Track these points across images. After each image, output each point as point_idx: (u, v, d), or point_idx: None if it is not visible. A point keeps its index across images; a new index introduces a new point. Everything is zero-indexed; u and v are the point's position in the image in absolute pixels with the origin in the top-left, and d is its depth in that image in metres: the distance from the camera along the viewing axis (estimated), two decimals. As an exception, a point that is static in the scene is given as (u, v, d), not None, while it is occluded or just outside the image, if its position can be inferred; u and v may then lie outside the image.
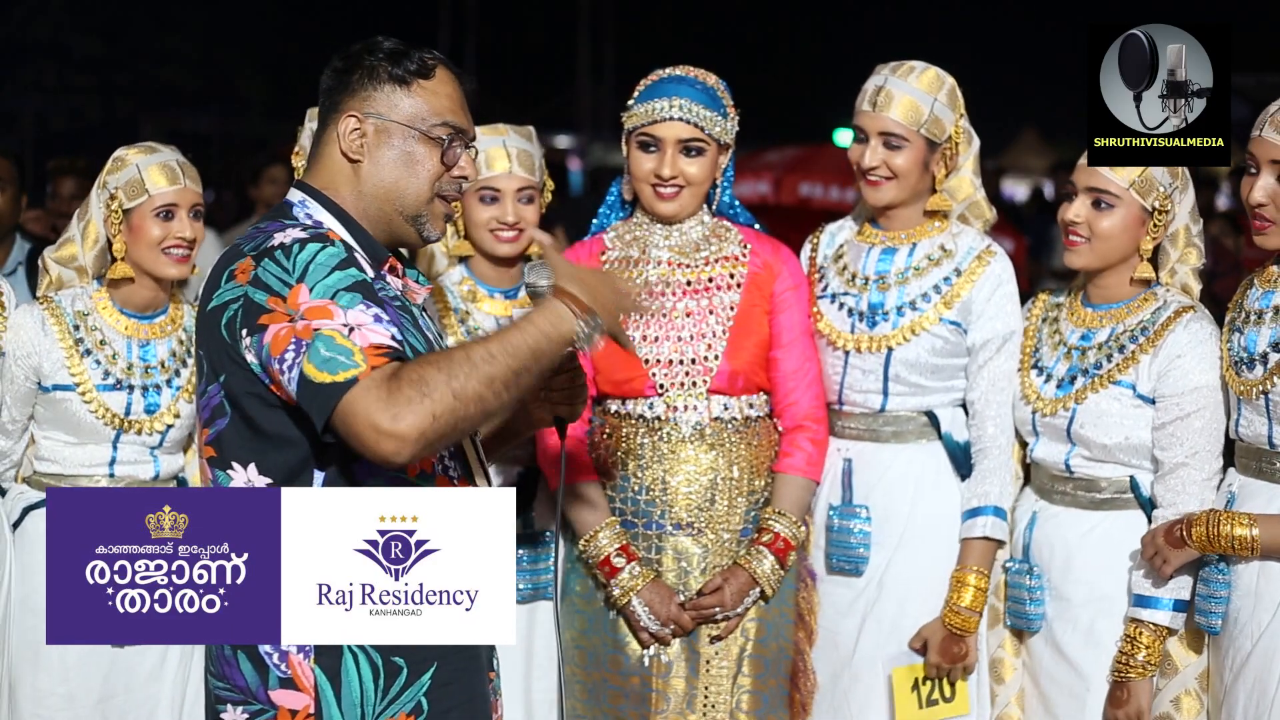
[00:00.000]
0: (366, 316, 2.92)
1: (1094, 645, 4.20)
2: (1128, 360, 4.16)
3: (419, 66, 3.20)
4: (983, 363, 4.35)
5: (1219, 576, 3.99)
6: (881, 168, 4.33)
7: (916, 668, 4.35)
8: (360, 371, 2.84)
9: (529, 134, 4.53)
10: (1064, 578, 4.25)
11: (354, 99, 3.20)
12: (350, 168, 3.21)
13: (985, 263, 4.37)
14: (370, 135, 3.19)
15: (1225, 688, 4.02)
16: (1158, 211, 4.16)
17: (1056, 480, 4.30)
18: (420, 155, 3.20)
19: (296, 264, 2.98)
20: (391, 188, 3.20)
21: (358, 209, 3.22)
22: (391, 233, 3.25)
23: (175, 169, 4.42)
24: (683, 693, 4.24)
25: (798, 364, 4.34)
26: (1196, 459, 4.09)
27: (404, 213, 3.22)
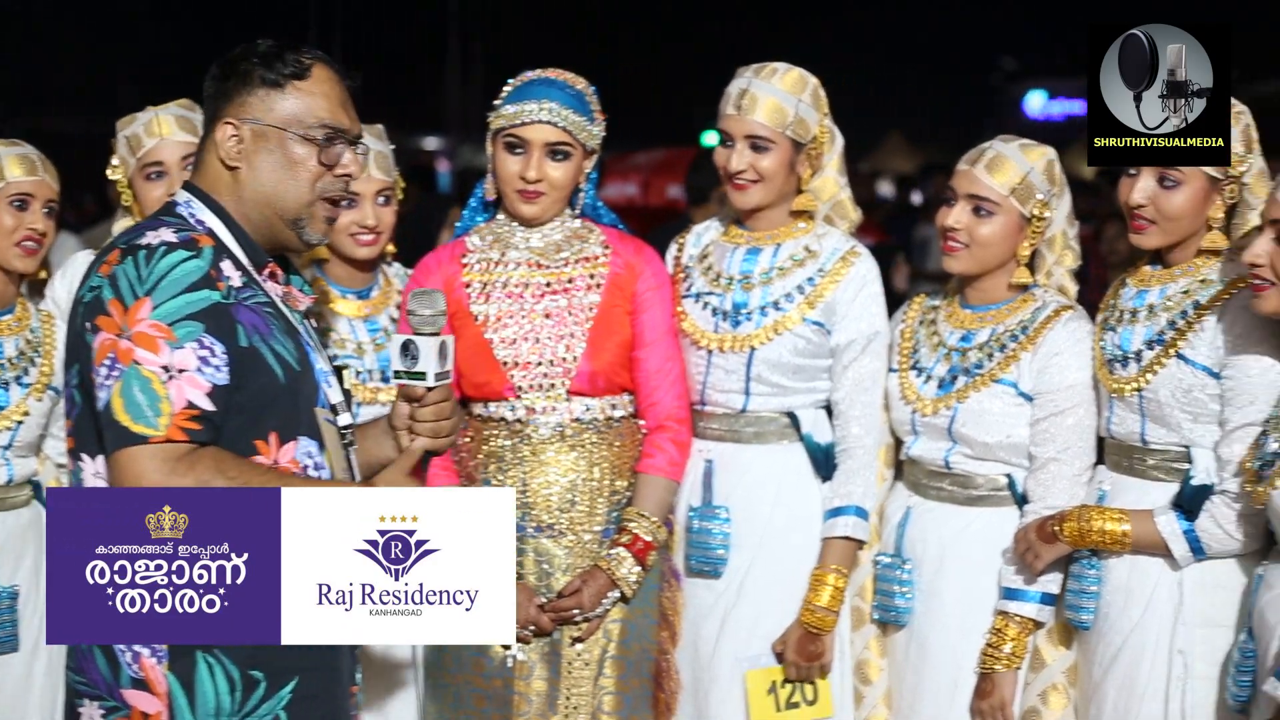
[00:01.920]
0: (194, 360, 2.97)
1: (964, 639, 4.23)
2: (1009, 359, 4.20)
3: (294, 68, 3.20)
4: (847, 363, 4.35)
5: (1090, 572, 4.04)
6: (748, 171, 4.33)
7: (773, 670, 4.34)
8: (156, 435, 2.93)
9: (380, 133, 4.49)
10: (937, 573, 4.27)
11: (230, 105, 3.19)
12: (229, 175, 3.21)
13: (849, 263, 4.38)
14: (247, 141, 3.19)
15: (1094, 683, 4.07)
16: (1036, 218, 4.21)
17: (933, 477, 4.32)
18: (299, 157, 3.20)
19: (152, 273, 3.00)
20: (271, 192, 3.21)
21: (239, 213, 3.22)
22: (273, 237, 3.25)
23: (34, 161, 4.41)
24: (545, 694, 4.22)
25: (660, 364, 4.32)
26: (1068, 454, 4.14)
27: (285, 216, 3.22)
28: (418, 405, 3.36)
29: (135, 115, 4.49)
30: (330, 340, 4.34)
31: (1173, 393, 3.94)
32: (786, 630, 4.32)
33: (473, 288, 4.28)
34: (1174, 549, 3.90)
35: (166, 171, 4.42)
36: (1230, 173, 3.92)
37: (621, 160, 15.85)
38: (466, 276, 4.29)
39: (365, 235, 4.37)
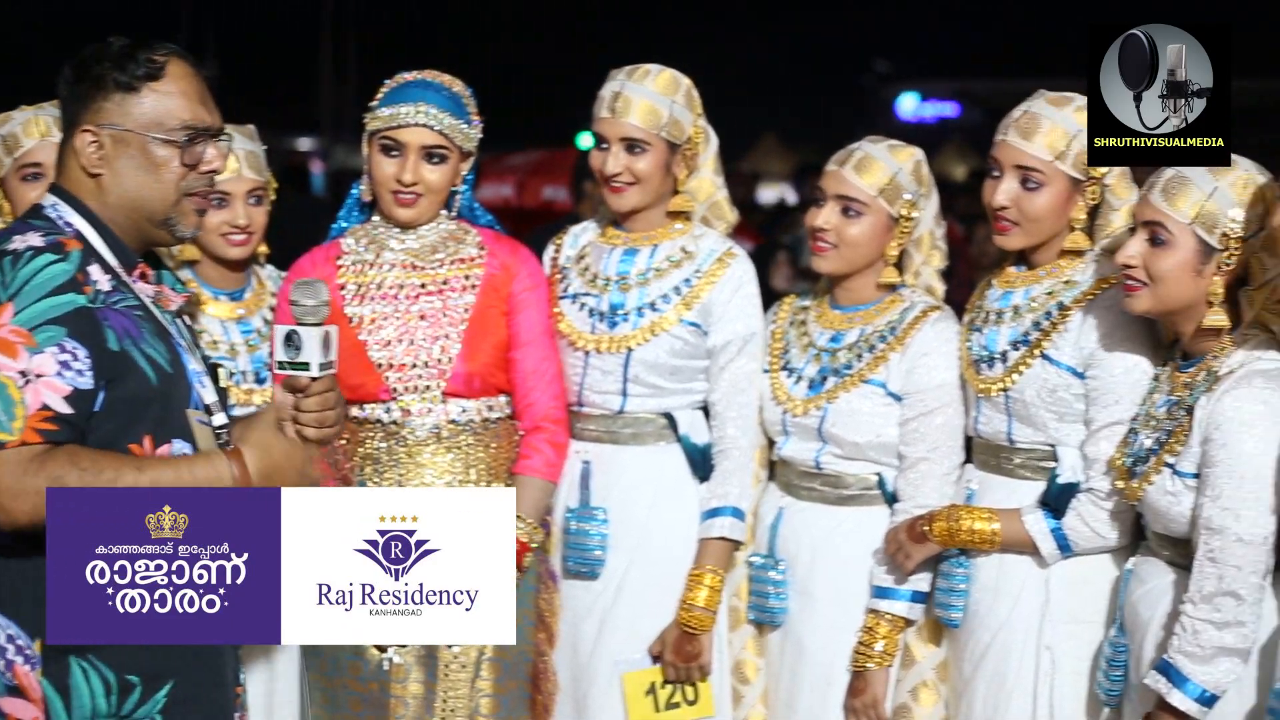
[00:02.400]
0: (54, 364, 2.96)
1: (837, 639, 4.26)
2: (878, 359, 4.23)
3: (148, 69, 3.16)
4: (724, 364, 4.37)
5: (959, 570, 4.08)
6: (624, 173, 4.33)
7: (651, 672, 4.35)
8: (11, 440, 2.94)
9: (251, 133, 4.44)
10: (809, 573, 4.30)
11: (87, 111, 3.16)
12: (92, 181, 3.18)
13: (726, 264, 4.40)
14: (108, 147, 3.16)
15: (964, 680, 4.11)
16: (904, 218, 4.25)
17: (804, 477, 4.35)
18: (161, 160, 3.17)
19: (17, 277, 2.99)
20: (135, 196, 3.18)
21: (106, 217, 3.19)
22: (143, 237, 3.24)
23: None
24: (421, 697, 4.20)
25: (536, 364, 4.31)
26: (937, 454, 4.19)
27: (152, 218, 3.20)
28: (302, 396, 3.33)
29: (10, 115, 4.42)
30: (202, 341, 4.31)
31: (1038, 392, 3.99)
32: (664, 631, 4.34)
33: (347, 290, 4.26)
34: (1042, 547, 3.95)
35: (44, 173, 4.35)
36: (1092, 174, 3.99)
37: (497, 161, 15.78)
38: (341, 278, 4.27)
39: (237, 235, 4.32)
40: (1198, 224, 3.61)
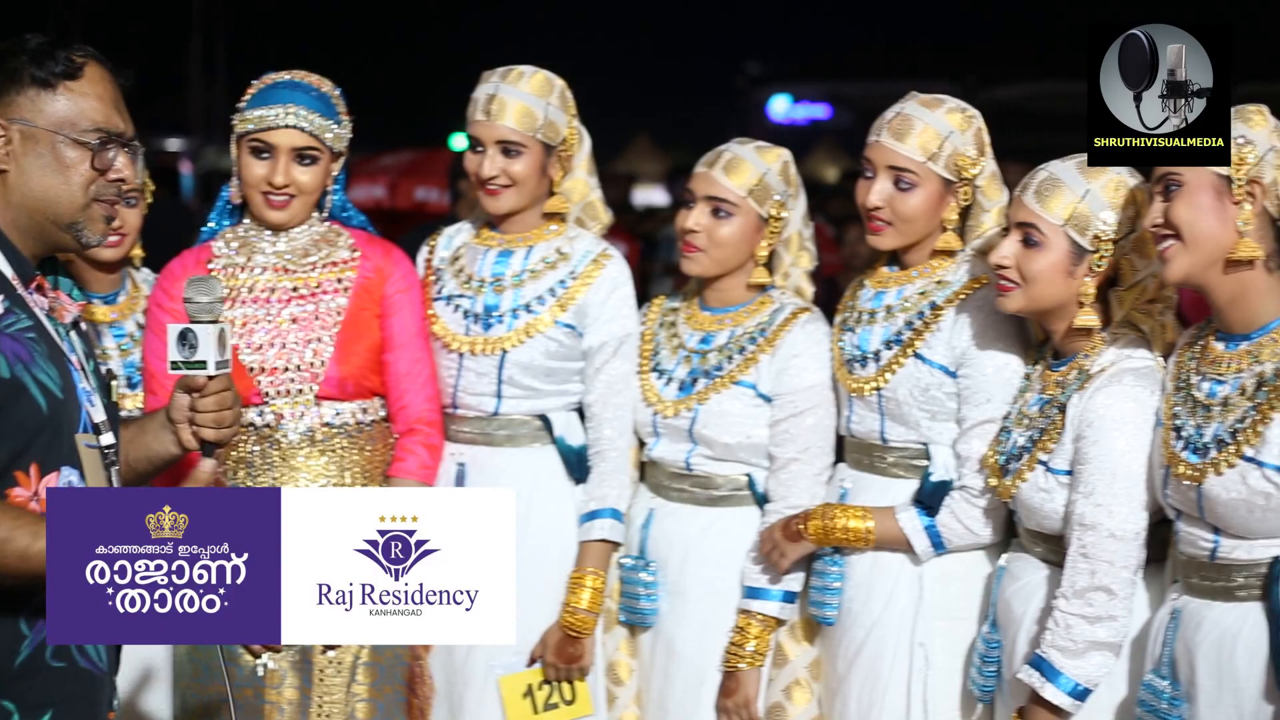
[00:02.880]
0: None
1: (709, 640, 4.28)
2: (748, 361, 4.25)
3: (65, 67, 3.07)
4: (599, 366, 4.38)
5: (833, 569, 4.10)
6: (500, 176, 4.33)
7: (528, 674, 4.35)
8: None
9: None
10: (681, 573, 4.31)
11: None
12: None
13: (601, 266, 4.41)
14: (16, 143, 3.05)
15: (839, 678, 4.13)
16: (773, 219, 4.27)
17: (674, 478, 4.36)
18: (71, 161, 3.07)
19: None
20: (42, 196, 3.07)
21: (6, 219, 3.07)
22: (46, 241, 3.12)
23: None
24: (296, 703, 4.16)
25: (409, 367, 4.29)
26: (808, 454, 4.21)
27: (58, 221, 3.08)
28: (198, 396, 3.25)
29: None
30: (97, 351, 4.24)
31: (910, 391, 4.02)
32: (546, 633, 4.34)
33: (219, 293, 4.22)
34: (915, 544, 3.98)
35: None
36: (963, 175, 4.03)
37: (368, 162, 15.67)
38: None
39: (111, 237, 4.26)
40: (1070, 225, 3.66)
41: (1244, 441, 3.30)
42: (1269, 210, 3.35)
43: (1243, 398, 3.34)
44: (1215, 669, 3.37)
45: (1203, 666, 3.39)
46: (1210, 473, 3.35)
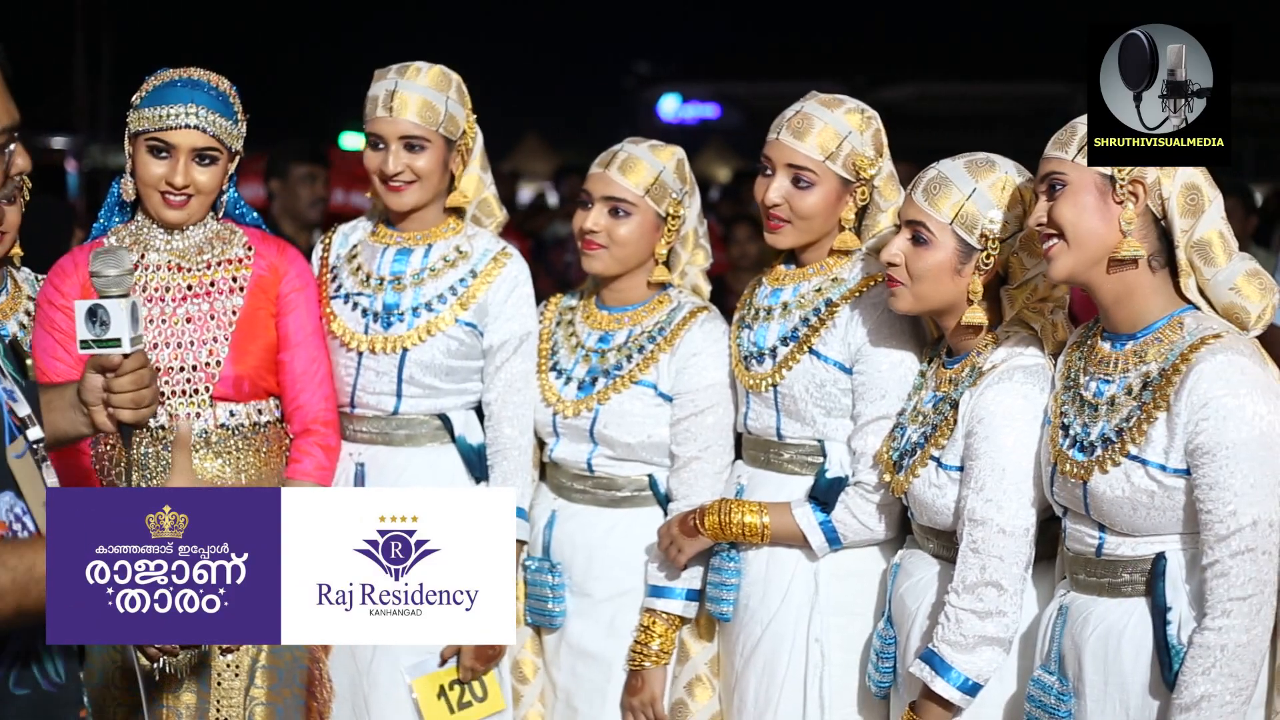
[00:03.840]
0: None
1: (615, 638, 4.30)
2: (648, 360, 4.27)
3: None
4: (500, 364, 4.37)
5: (730, 564, 4.12)
6: (405, 171, 4.32)
7: (439, 674, 4.34)
8: None
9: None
10: (586, 574, 4.33)
11: None
12: None
13: (501, 264, 4.41)
14: None
15: (736, 674, 4.15)
16: (671, 216, 4.29)
17: (576, 479, 4.37)
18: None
19: None
20: None
21: None
22: None
23: None
24: (194, 706, 4.13)
25: (305, 366, 4.26)
26: (709, 453, 4.23)
27: None
28: (113, 376, 3.13)
29: None
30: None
31: (806, 388, 4.05)
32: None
33: (111, 291, 4.17)
34: (811, 540, 4.01)
35: None
36: (861, 175, 4.06)
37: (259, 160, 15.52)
38: None
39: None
40: (957, 224, 3.70)
41: (1129, 440, 3.34)
42: (1151, 209, 3.40)
43: (1129, 397, 3.38)
44: (1101, 665, 3.41)
45: (1089, 662, 3.43)
46: (1095, 470, 3.39)
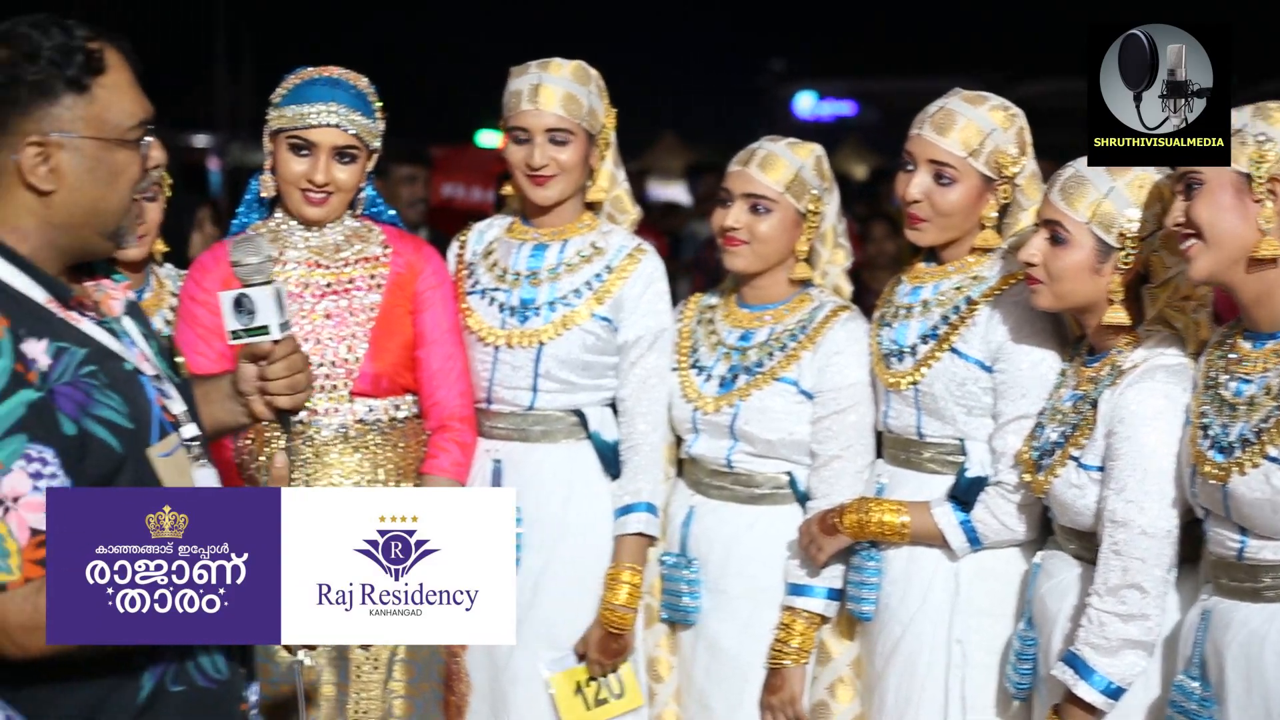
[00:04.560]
0: (25, 481, 2.66)
1: (751, 637, 4.28)
2: (790, 357, 4.25)
3: (90, 62, 2.75)
4: (634, 360, 4.37)
5: (870, 563, 4.10)
6: (550, 164, 4.33)
7: (576, 671, 4.34)
8: (12, 580, 2.68)
9: None
10: (722, 571, 4.31)
11: (28, 120, 2.72)
12: (37, 200, 2.75)
13: (637, 260, 4.41)
14: (58, 158, 2.73)
15: (877, 673, 4.13)
16: (810, 213, 4.27)
17: (714, 475, 4.36)
18: (120, 165, 2.80)
19: None
20: (91, 209, 2.79)
21: (42, 241, 2.78)
22: (83, 253, 2.86)
23: None
24: (333, 699, 4.16)
25: (442, 363, 4.27)
26: (850, 452, 4.21)
27: (104, 231, 2.83)
28: (266, 363, 3.11)
29: None
30: None
31: (947, 386, 4.02)
32: (587, 630, 4.33)
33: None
34: (951, 540, 3.98)
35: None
36: (1004, 173, 4.02)
37: (392, 159, 15.64)
38: None
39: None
40: (1094, 223, 3.66)
41: (1268, 441, 3.28)
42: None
43: (1268, 397, 3.33)
44: (1244, 671, 3.35)
45: (1232, 668, 3.37)
46: (1234, 472, 3.33)
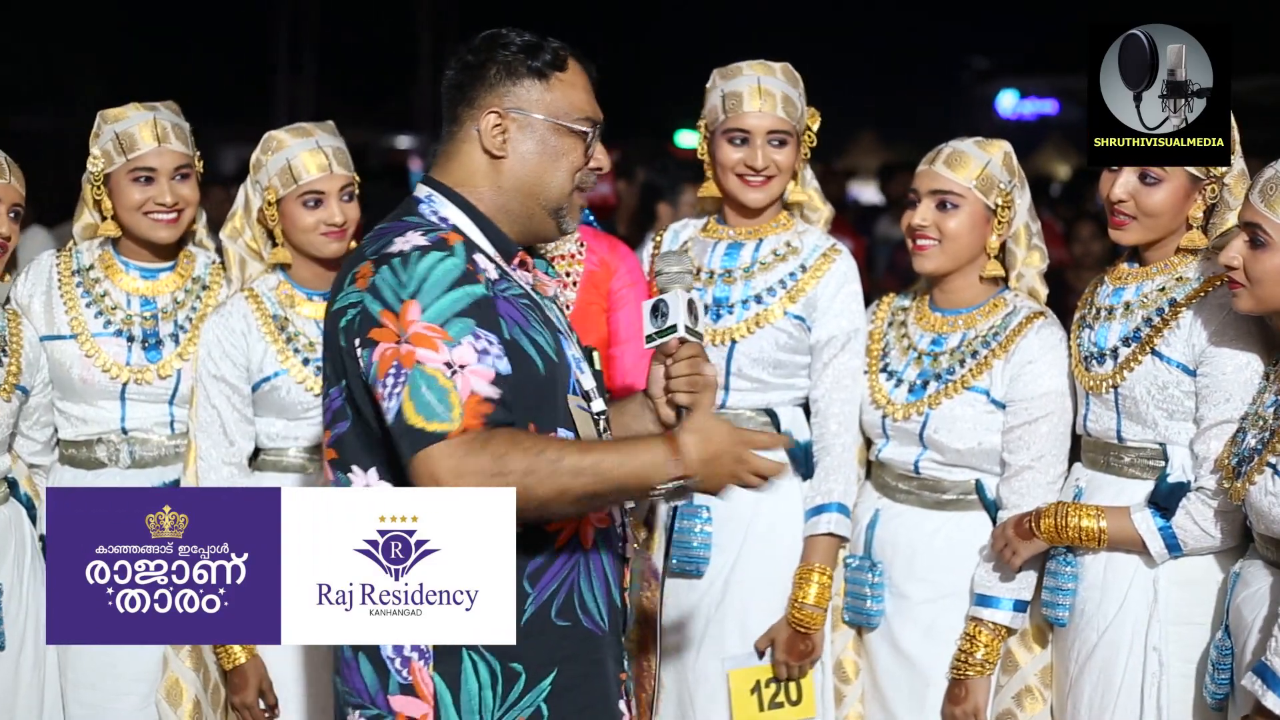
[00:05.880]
0: (473, 354, 2.96)
1: (934, 643, 4.25)
2: (981, 366, 4.21)
3: (554, 58, 3.22)
4: (827, 360, 4.35)
5: (1066, 569, 4.05)
6: (770, 167, 4.35)
7: (757, 670, 4.34)
8: (452, 429, 2.92)
9: (333, 129, 4.46)
10: (906, 575, 4.28)
11: (493, 95, 3.20)
12: (490, 164, 3.21)
13: (831, 260, 4.39)
14: (513, 131, 3.20)
15: (1070, 680, 4.08)
16: (1000, 208, 4.22)
17: (902, 480, 4.33)
18: (564, 149, 3.22)
19: (413, 276, 3.00)
20: (535, 182, 3.22)
21: (495, 204, 3.22)
22: (529, 227, 3.26)
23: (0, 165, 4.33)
24: None
25: (635, 361, 4.29)
26: (1042, 462, 4.16)
27: (547, 205, 3.23)
28: (671, 362, 3.36)
29: (126, 111, 4.43)
30: (300, 344, 4.33)
31: (1148, 390, 3.95)
32: (773, 628, 4.32)
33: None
34: (1150, 546, 3.91)
35: (155, 178, 4.39)
36: (1212, 173, 3.94)
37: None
38: None
39: (334, 232, 4.33)
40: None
41: None
42: None
43: None
44: None
45: None
46: None
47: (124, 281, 4.48)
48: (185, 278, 4.52)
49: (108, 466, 4.42)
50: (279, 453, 4.37)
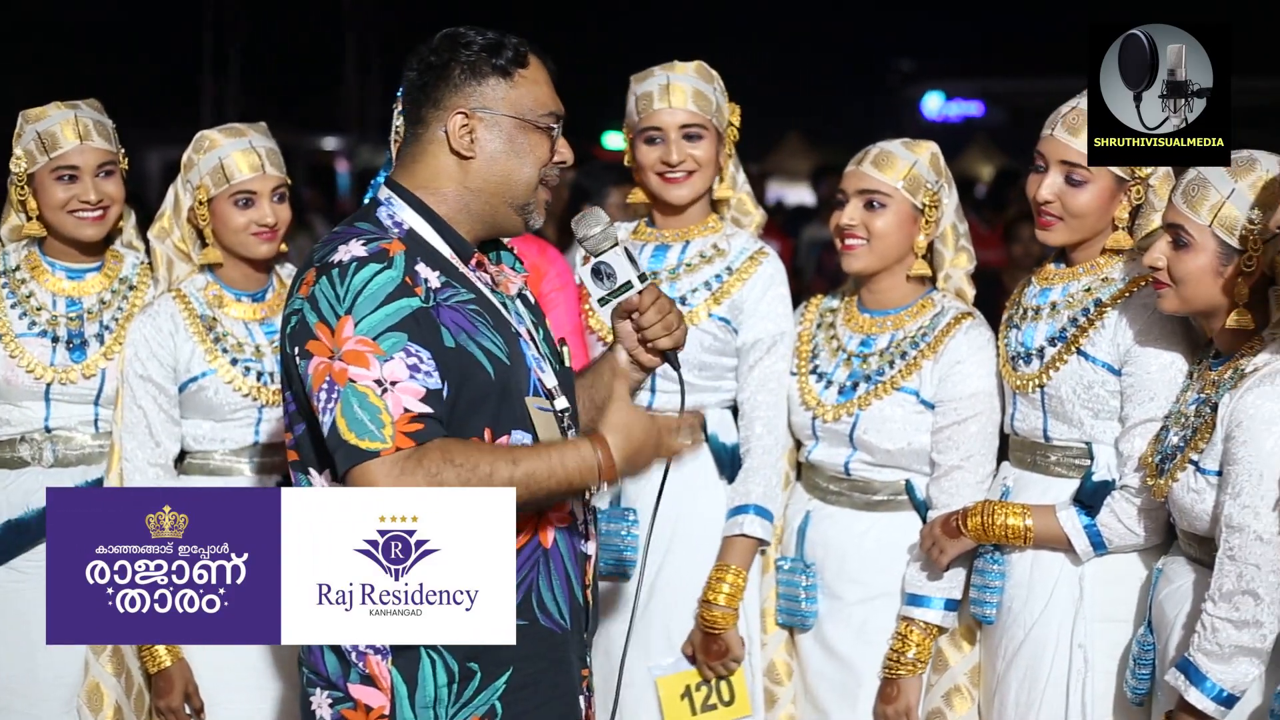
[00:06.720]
0: (404, 370, 2.99)
1: (866, 643, 4.26)
2: (910, 366, 4.23)
3: (516, 55, 3.23)
4: (753, 363, 4.35)
5: (993, 567, 4.07)
6: (687, 161, 4.36)
7: (685, 675, 4.34)
8: (385, 448, 2.96)
9: (265, 130, 4.45)
10: (838, 576, 4.29)
11: (458, 95, 3.20)
12: (459, 164, 3.22)
13: (758, 263, 4.40)
14: (480, 130, 3.21)
15: (998, 676, 4.10)
16: (928, 208, 4.25)
17: (832, 481, 4.34)
18: (531, 145, 3.23)
19: (349, 289, 3.02)
20: (503, 180, 3.23)
21: (458, 204, 3.23)
22: (495, 224, 3.28)
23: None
24: None
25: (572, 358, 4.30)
26: (971, 462, 4.18)
27: (514, 203, 3.25)
28: (639, 315, 3.44)
29: (47, 111, 4.41)
30: (229, 344, 4.32)
31: (1074, 389, 3.97)
32: (691, 632, 4.33)
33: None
34: (1075, 544, 3.94)
35: (79, 176, 4.37)
36: (1136, 174, 3.97)
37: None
38: None
39: (265, 233, 4.33)
40: (1217, 226, 3.60)
41: None
42: None
43: None
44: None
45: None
46: None
47: (50, 282, 4.45)
48: (112, 278, 4.50)
49: (30, 465, 4.39)
50: (205, 455, 4.36)
